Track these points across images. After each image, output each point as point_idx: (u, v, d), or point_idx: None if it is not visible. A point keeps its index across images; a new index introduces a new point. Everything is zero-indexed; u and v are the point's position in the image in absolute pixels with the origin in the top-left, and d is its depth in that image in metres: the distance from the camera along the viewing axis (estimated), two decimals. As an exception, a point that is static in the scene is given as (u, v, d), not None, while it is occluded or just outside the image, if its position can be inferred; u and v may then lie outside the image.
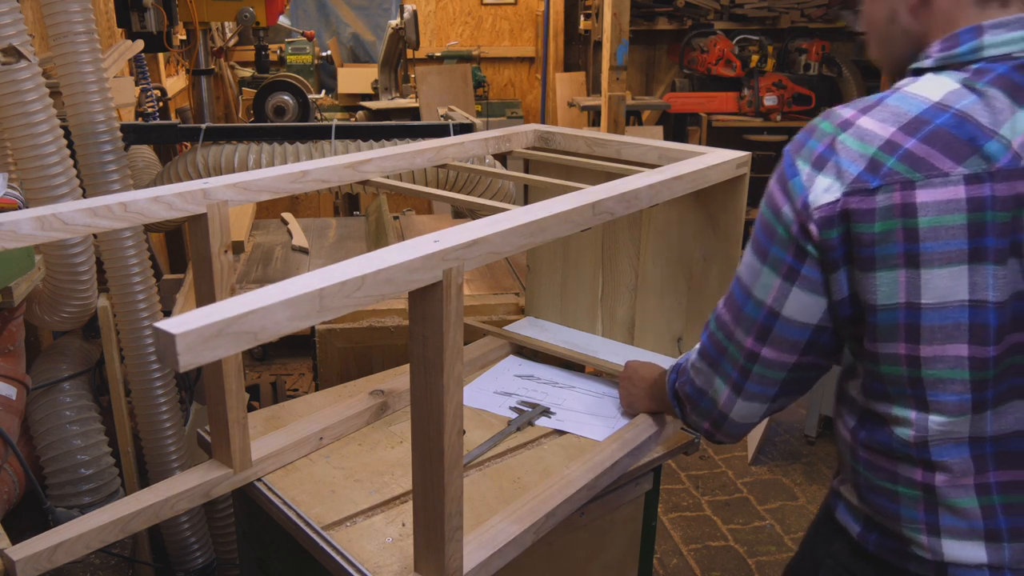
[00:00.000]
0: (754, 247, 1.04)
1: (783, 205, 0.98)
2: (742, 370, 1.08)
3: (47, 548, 1.09)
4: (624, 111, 3.83)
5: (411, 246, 0.92)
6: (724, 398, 1.12)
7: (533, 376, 1.69)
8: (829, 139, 0.96)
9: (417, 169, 1.57)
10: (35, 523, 1.83)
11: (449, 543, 1.04)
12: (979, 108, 0.91)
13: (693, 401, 1.18)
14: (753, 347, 1.06)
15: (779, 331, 1.03)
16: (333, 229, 2.76)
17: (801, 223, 0.97)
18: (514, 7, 6.71)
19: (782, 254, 0.99)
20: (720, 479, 3.10)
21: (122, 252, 1.85)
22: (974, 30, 0.95)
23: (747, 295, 1.04)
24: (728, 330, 1.09)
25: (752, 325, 1.05)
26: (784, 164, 1.00)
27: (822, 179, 0.95)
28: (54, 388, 1.96)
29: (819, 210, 0.95)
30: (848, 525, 1.08)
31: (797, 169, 0.97)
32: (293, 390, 3.41)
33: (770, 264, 1.01)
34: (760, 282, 1.02)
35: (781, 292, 1.01)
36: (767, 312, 1.03)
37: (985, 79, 0.93)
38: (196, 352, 0.69)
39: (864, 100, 0.99)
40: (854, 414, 1.05)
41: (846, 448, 1.06)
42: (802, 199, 0.96)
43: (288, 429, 1.40)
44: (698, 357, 1.16)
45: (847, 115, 0.97)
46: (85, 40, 1.74)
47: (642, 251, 1.71)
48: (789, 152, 1.00)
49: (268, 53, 4.41)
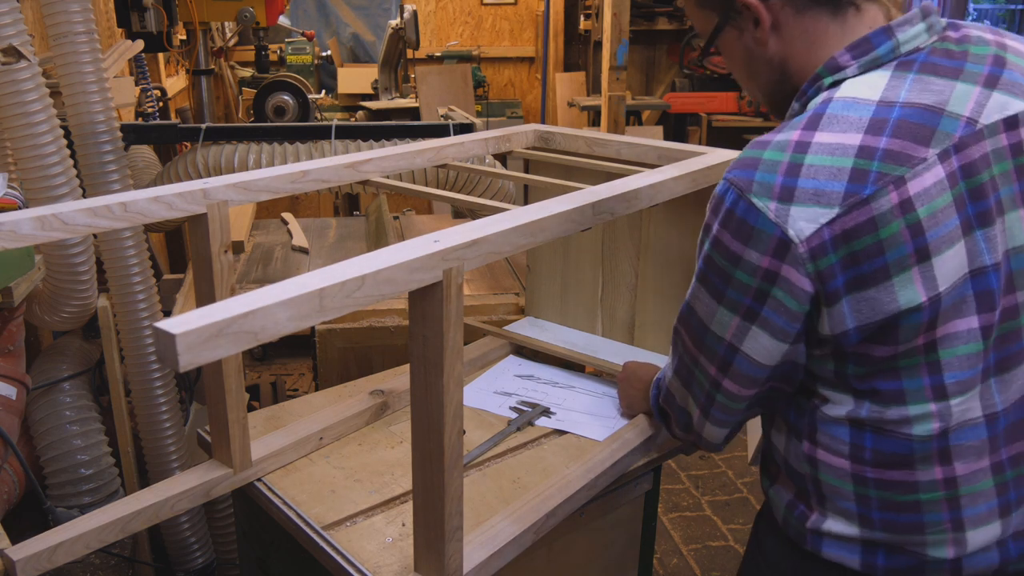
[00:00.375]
0: (706, 286, 1.00)
1: (743, 252, 0.94)
2: (707, 396, 1.08)
3: (47, 548, 1.09)
4: (624, 111, 3.83)
5: (411, 246, 0.92)
6: (696, 418, 1.13)
7: (533, 376, 1.69)
8: (784, 166, 0.92)
9: (417, 169, 1.57)
10: (35, 523, 1.82)
11: (449, 543, 1.04)
12: (920, 94, 0.94)
13: (676, 416, 1.18)
14: (716, 376, 1.05)
15: (739, 365, 1.01)
16: (333, 229, 2.76)
17: (772, 268, 0.92)
18: (514, 7, 6.71)
19: (740, 297, 0.96)
20: (720, 479, 3.10)
21: (122, 252, 1.85)
22: (884, 31, 0.98)
23: (704, 328, 1.02)
24: (692, 355, 1.07)
25: (714, 356, 1.03)
26: (731, 208, 0.94)
27: (798, 210, 0.90)
28: (54, 388, 1.96)
29: (806, 243, 0.90)
30: (843, 559, 1.02)
31: (757, 208, 0.92)
32: (293, 390, 3.41)
33: (726, 305, 0.98)
34: (716, 319, 1.00)
35: (740, 330, 0.99)
36: (727, 346, 1.01)
37: (912, 70, 0.96)
38: (196, 352, 0.69)
39: (792, 123, 0.96)
40: (843, 439, 0.99)
41: (838, 477, 1.00)
42: (775, 239, 0.91)
43: (288, 429, 1.40)
44: (674, 376, 1.15)
45: (792, 138, 0.94)
46: (85, 40, 1.74)
47: (642, 251, 1.71)
48: (732, 194, 0.94)
49: (268, 53, 4.41)
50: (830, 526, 1.02)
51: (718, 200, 0.97)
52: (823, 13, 1.00)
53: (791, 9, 1.01)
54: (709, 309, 1.00)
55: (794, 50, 1.03)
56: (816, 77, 1.01)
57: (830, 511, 1.02)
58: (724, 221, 0.95)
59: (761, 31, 1.03)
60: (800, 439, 1.04)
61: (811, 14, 1.01)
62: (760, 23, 1.02)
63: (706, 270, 0.99)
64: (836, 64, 0.99)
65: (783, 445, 1.08)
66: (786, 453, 1.07)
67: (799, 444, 1.04)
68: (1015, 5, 7.33)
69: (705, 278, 1.00)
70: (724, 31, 1.07)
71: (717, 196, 0.97)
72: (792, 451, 1.06)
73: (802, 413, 1.04)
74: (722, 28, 1.07)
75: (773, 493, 1.11)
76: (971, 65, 0.98)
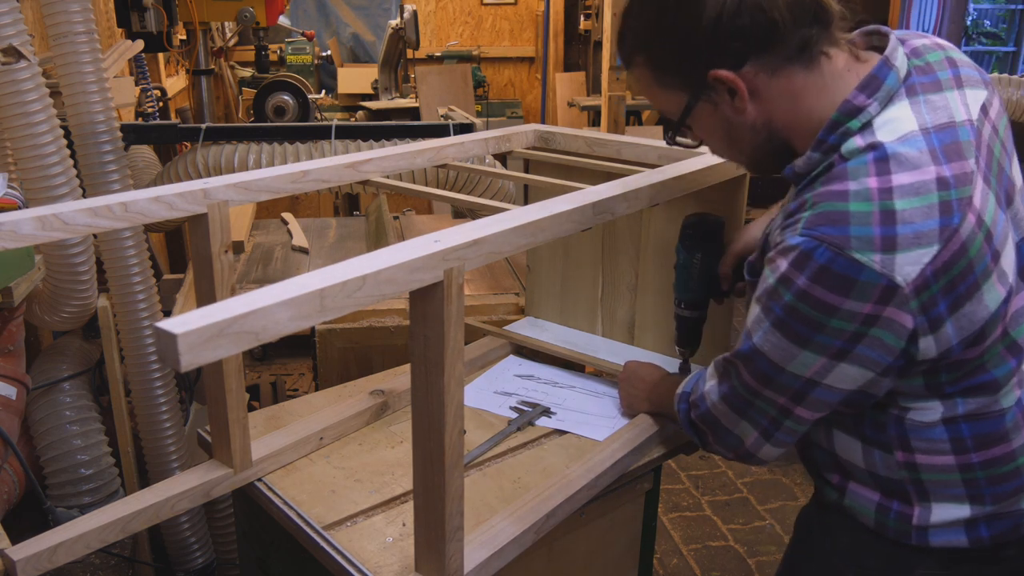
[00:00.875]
0: (785, 333, 0.99)
1: (841, 304, 0.94)
2: (772, 421, 1.09)
3: (47, 548, 1.09)
4: (624, 111, 3.83)
5: (412, 246, 0.92)
6: (752, 440, 1.13)
7: (533, 376, 1.69)
8: (877, 216, 0.92)
9: (417, 169, 1.57)
10: (35, 523, 1.82)
11: (450, 543, 1.04)
12: (934, 113, 1.00)
13: (717, 435, 1.18)
14: (787, 405, 1.06)
15: (816, 395, 1.03)
16: (333, 229, 2.76)
17: (874, 313, 0.94)
18: (514, 7, 6.72)
19: (831, 341, 0.97)
20: (720, 479, 3.10)
21: (122, 252, 1.85)
22: (884, 64, 1.01)
23: (778, 369, 1.02)
24: (754, 391, 1.07)
25: (786, 390, 1.04)
26: (826, 264, 0.93)
27: (903, 256, 0.92)
28: (54, 388, 1.96)
29: (911, 284, 0.92)
30: (950, 542, 1.06)
31: (861, 263, 0.92)
32: (293, 390, 3.41)
33: (813, 349, 0.98)
34: (797, 361, 1.00)
35: (825, 368, 0.99)
36: (805, 382, 1.02)
37: (917, 93, 1.01)
38: (197, 352, 0.68)
39: (855, 171, 0.96)
40: (942, 439, 1.03)
41: (943, 472, 1.05)
42: (881, 287, 0.92)
43: (288, 429, 1.40)
44: (720, 401, 1.14)
45: (870, 185, 0.94)
46: (85, 40, 1.74)
47: (642, 251, 1.71)
48: (826, 252, 0.93)
49: (268, 53, 4.41)
50: (938, 516, 1.06)
51: (803, 256, 0.95)
52: (797, 69, 1.01)
53: (765, 74, 1.01)
54: (787, 353, 1.00)
55: (777, 110, 1.04)
56: (834, 123, 1.00)
57: (936, 502, 1.06)
58: (817, 277, 0.94)
59: (740, 100, 1.03)
60: (890, 451, 1.06)
61: (785, 73, 1.01)
62: (737, 93, 1.02)
63: (787, 319, 0.98)
64: (853, 107, 0.99)
65: (859, 458, 1.10)
66: (867, 465, 1.09)
67: (888, 456, 1.07)
68: (1015, 5, 7.33)
69: (784, 326, 0.99)
70: (697, 107, 1.06)
71: (802, 252, 0.95)
72: (880, 462, 1.08)
73: (882, 427, 1.06)
74: (694, 106, 1.06)
75: (851, 500, 1.13)
76: (940, 74, 1.04)
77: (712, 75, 1.01)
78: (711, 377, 1.18)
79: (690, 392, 1.24)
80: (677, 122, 1.10)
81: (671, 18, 1.02)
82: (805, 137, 1.05)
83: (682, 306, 1.51)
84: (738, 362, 1.08)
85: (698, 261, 1.46)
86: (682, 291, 1.50)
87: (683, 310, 1.51)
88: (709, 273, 1.47)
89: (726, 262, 1.45)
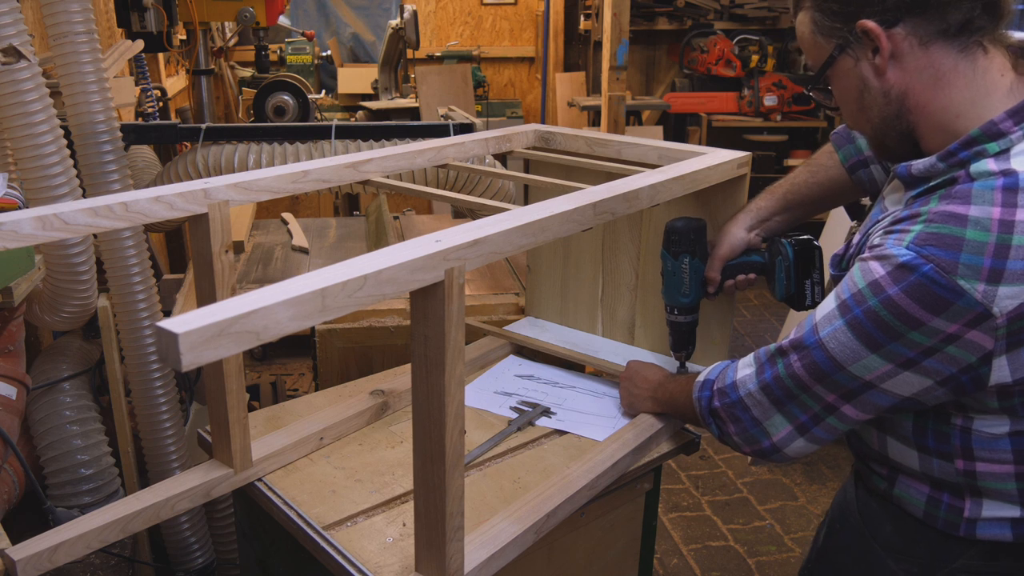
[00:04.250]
0: (857, 334, 0.99)
1: (928, 320, 0.94)
2: (814, 417, 1.08)
3: (47, 548, 1.09)
4: (624, 111, 3.83)
5: (413, 246, 0.92)
6: (783, 434, 1.12)
7: (533, 376, 1.69)
8: (992, 248, 0.91)
9: (417, 169, 1.57)
10: (35, 523, 1.82)
11: (450, 543, 1.04)
12: None
13: (740, 426, 1.17)
14: (835, 403, 1.05)
15: (870, 397, 1.02)
16: (333, 229, 2.76)
17: (958, 333, 0.93)
18: (514, 7, 6.71)
19: (905, 351, 0.97)
20: (720, 479, 3.10)
21: (122, 252, 1.85)
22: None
23: (838, 367, 1.02)
24: (803, 384, 1.07)
25: (838, 387, 1.04)
26: (926, 283, 0.93)
27: (1006, 289, 0.91)
28: (54, 388, 1.96)
29: (1006, 315, 0.92)
30: (996, 536, 1.07)
31: (963, 289, 0.92)
32: (293, 390, 3.41)
33: (882, 355, 0.98)
34: (861, 363, 1.00)
35: (888, 374, 0.99)
36: (863, 383, 1.02)
37: None
38: (198, 352, 0.68)
39: (980, 195, 0.94)
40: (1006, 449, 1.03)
41: (1001, 480, 1.05)
42: (975, 313, 0.92)
43: (288, 429, 1.40)
44: (759, 390, 1.13)
45: (993, 215, 0.92)
46: (85, 40, 1.73)
47: (642, 251, 1.71)
48: (930, 270, 0.93)
49: (268, 53, 4.40)
50: (989, 512, 1.07)
51: (904, 269, 0.95)
52: (950, 49, 0.99)
53: (915, 40, 0.99)
54: (853, 354, 1.00)
55: (916, 84, 1.01)
56: (971, 140, 0.98)
57: (987, 499, 1.06)
58: (912, 292, 0.94)
59: (880, 59, 1.01)
60: (950, 459, 1.06)
61: (937, 48, 0.99)
62: (880, 51, 1.00)
63: (865, 322, 0.98)
64: (998, 130, 0.97)
65: (914, 463, 1.10)
66: (923, 469, 1.09)
67: (948, 464, 1.07)
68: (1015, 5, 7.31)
69: (859, 328, 0.99)
70: (839, 59, 1.05)
71: (903, 264, 0.95)
72: (937, 468, 1.08)
73: (946, 437, 1.06)
74: (837, 56, 1.05)
75: (901, 491, 1.13)
76: None
77: (861, 24, 1.00)
78: (747, 366, 1.17)
79: (714, 380, 1.23)
80: (819, 71, 1.08)
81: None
82: (934, 131, 1.03)
83: (675, 312, 1.51)
84: (793, 352, 1.07)
85: (687, 266, 1.46)
86: (674, 297, 1.50)
87: (677, 316, 1.51)
88: (699, 276, 1.47)
89: (713, 267, 1.46)
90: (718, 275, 1.46)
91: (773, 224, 1.47)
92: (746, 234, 1.46)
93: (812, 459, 3.20)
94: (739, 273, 1.46)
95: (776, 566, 2.62)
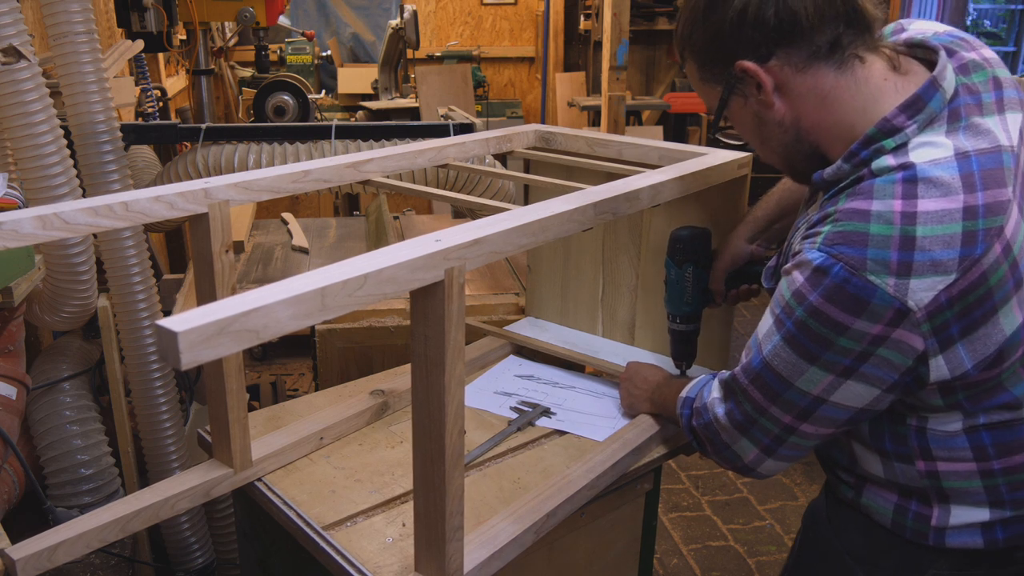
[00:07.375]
0: (794, 348, 1.00)
1: (852, 323, 0.94)
2: (776, 439, 1.09)
3: (47, 548, 1.09)
4: (624, 111, 3.83)
5: (413, 245, 0.91)
6: (752, 457, 1.14)
7: (533, 376, 1.69)
8: (896, 241, 0.92)
9: (417, 169, 1.57)
10: (35, 523, 1.82)
11: (450, 543, 1.04)
12: (977, 138, 0.98)
13: (715, 447, 1.19)
14: (791, 424, 1.06)
15: (824, 412, 1.03)
16: (333, 229, 2.76)
17: (883, 334, 0.94)
18: (514, 7, 6.72)
19: (839, 359, 0.97)
20: (720, 479, 3.10)
21: (122, 252, 1.85)
22: (931, 85, 0.99)
23: (786, 385, 1.03)
24: (759, 407, 1.08)
25: (792, 407, 1.04)
26: (840, 284, 0.94)
27: (917, 282, 0.92)
28: (54, 388, 1.96)
29: (924, 309, 0.92)
30: (966, 544, 1.07)
31: (874, 285, 0.93)
32: (293, 390, 3.41)
33: (820, 366, 0.99)
34: (804, 377, 1.01)
35: (831, 385, 1.00)
36: (812, 399, 1.02)
37: (961, 117, 0.99)
38: (198, 350, 0.68)
39: (882, 190, 0.95)
40: (964, 447, 1.04)
41: (965, 479, 1.05)
42: (893, 310, 0.93)
43: (288, 429, 1.40)
44: (723, 415, 1.15)
45: (894, 208, 0.94)
46: (85, 40, 1.73)
47: (642, 251, 1.71)
48: (841, 270, 0.94)
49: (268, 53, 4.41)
50: (957, 519, 1.06)
51: (818, 272, 0.95)
52: (827, 69, 1.01)
53: (791, 68, 1.01)
54: (795, 369, 1.01)
55: (805, 108, 1.04)
56: (869, 139, 1.00)
57: (955, 504, 1.06)
58: (830, 295, 0.95)
59: (764, 94, 1.03)
60: (911, 461, 1.07)
61: (814, 71, 1.01)
62: (762, 86, 1.03)
63: (798, 335, 0.99)
64: (892, 126, 0.99)
65: (879, 469, 1.11)
66: (887, 475, 1.10)
67: (909, 467, 1.07)
68: (1015, 5, 7.33)
69: (795, 342, 0.99)
70: (730, 100, 1.07)
71: (817, 268, 0.96)
72: (900, 473, 1.08)
73: (903, 439, 1.07)
74: (727, 98, 1.07)
75: (868, 500, 1.14)
76: (985, 95, 1.03)
77: (738, 66, 1.02)
78: (716, 389, 1.18)
79: (694, 398, 1.24)
80: (716, 116, 1.11)
81: (706, 10, 1.04)
82: (836, 144, 1.04)
83: (677, 321, 1.51)
84: (745, 379, 1.08)
85: (690, 275, 1.46)
86: (677, 306, 1.50)
87: (679, 324, 1.51)
88: (702, 285, 1.47)
89: (716, 278, 1.46)
90: (722, 286, 1.46)
91: (773, 232, 1.47)
92: (747, 245, 1.46)
93: (812, 459, 3.20)
94: (741, 283, 1.46)
95: (776, 566, 2.62)
